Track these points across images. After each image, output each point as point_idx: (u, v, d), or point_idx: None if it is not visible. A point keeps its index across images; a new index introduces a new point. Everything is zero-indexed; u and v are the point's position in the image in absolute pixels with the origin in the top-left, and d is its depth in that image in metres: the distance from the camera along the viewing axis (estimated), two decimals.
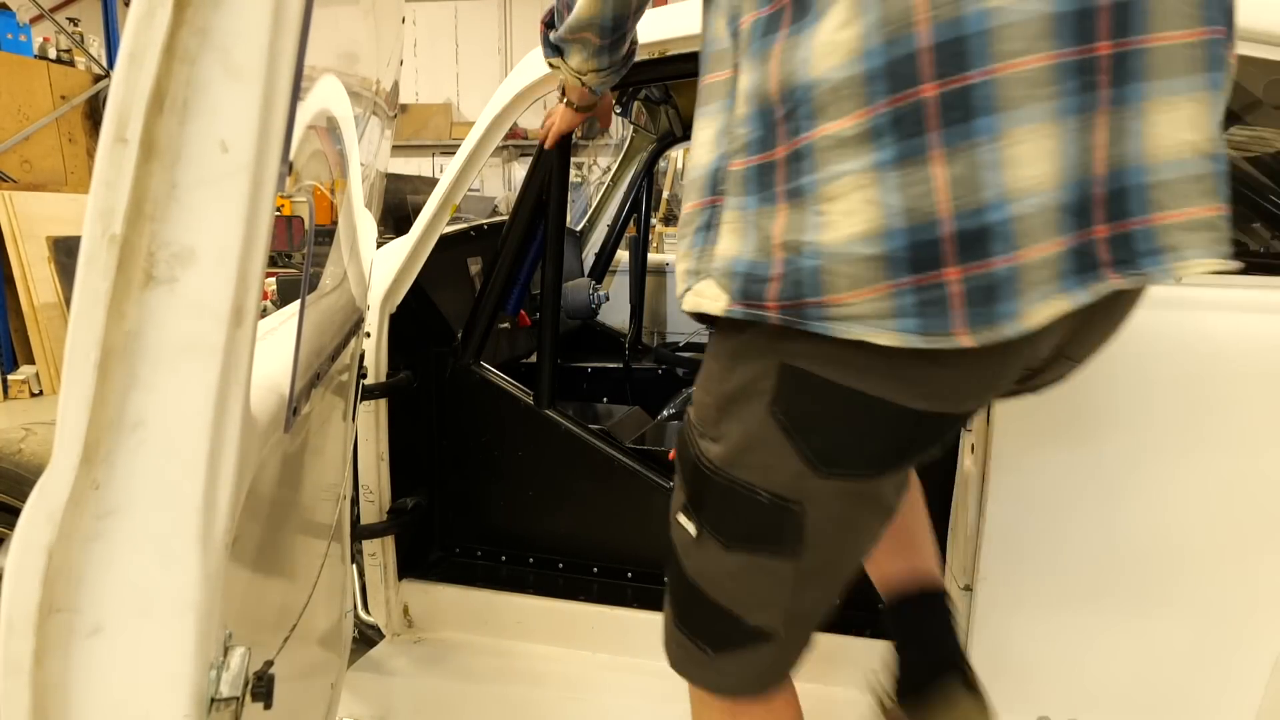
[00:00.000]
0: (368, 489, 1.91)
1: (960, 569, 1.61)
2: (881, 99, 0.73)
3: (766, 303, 0.81)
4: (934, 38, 0.71)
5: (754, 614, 0.98)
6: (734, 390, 0.90)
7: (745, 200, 0.82)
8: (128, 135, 0.62)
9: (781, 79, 0.78)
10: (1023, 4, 0.70)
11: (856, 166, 0.74)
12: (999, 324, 0.74)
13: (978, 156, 0.72)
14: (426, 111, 11.60)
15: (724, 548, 0.95)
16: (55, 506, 0.63)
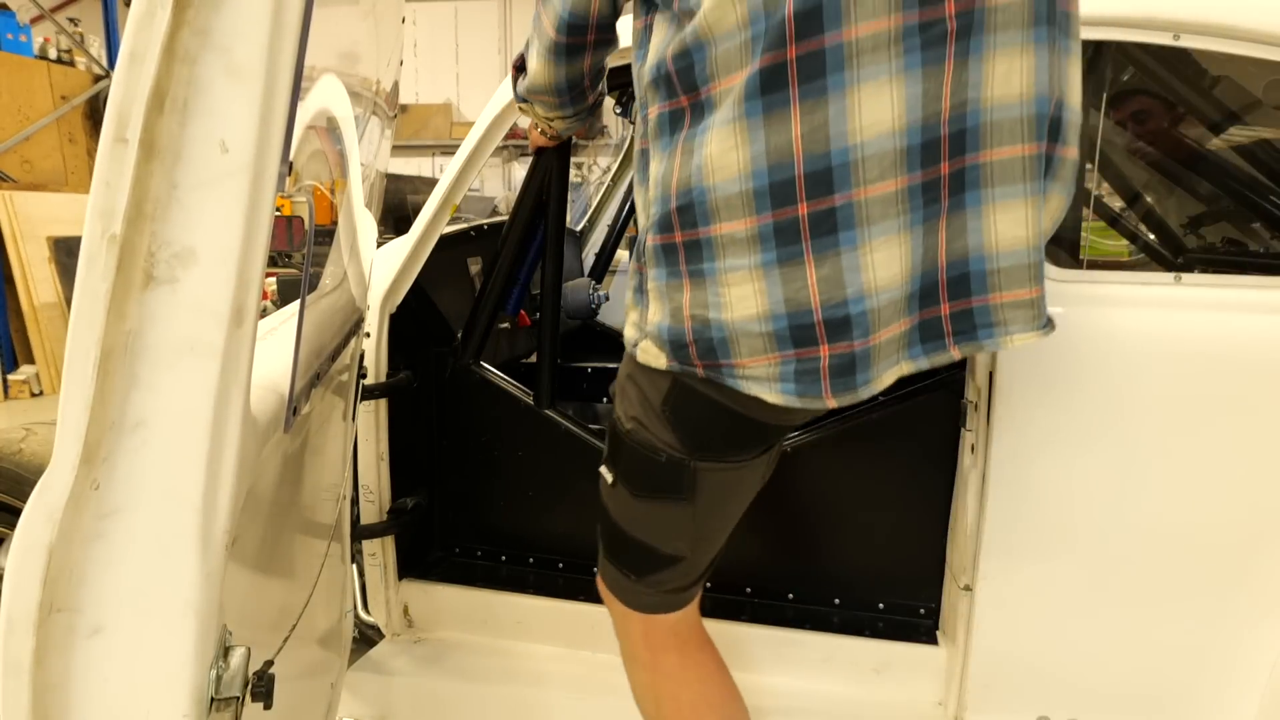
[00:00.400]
0: (368, 489, 1.91)
1: (960, 569, 1.61)
2: (767, 212, 0.92)
3: (694, 363, 1.02)
4: (806, 167, 0.90)
5: (666, 544, 1.21)
6: (636, 379, 1.12)
7: (658, 273, 1.02)
8: (128, 135, 0.62)
9: (680, 179, 0.97)
10: (878, 141, 0.89)
11: (747, 263, 0.94)
12: (857, 389, 0.98)
13: (841, 262, 0.92)
14: (426, 111, 11.59)
15: (633, 494, 1.18)
16: (55, 506, 0.63)
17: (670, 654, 1.26)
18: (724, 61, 0.91)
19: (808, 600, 1.84)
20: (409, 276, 1.87)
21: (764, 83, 0.89)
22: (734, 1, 0.88)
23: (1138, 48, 1.55)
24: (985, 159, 0.93)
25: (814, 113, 0.89)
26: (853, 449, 1.71)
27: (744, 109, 0.90)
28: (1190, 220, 2.08)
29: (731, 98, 0.91)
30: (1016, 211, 0.95)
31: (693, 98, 0.96)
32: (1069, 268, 1.51)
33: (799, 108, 0.89)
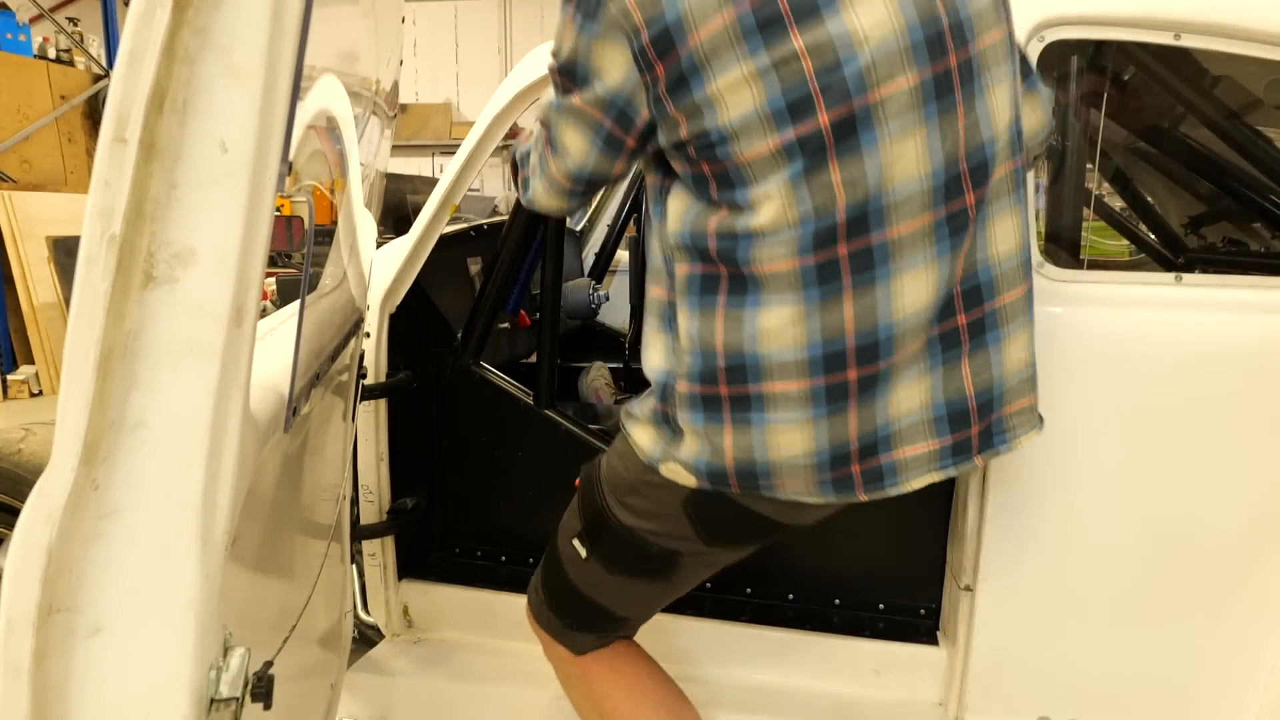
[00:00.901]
0: (368, 489, 1.90)
1: (960, 569, 1.61)
2: (820, 376, 1.06)
3: (730, 486, 1.14)
4: (857, 342, 1.05)
5: (622, 609, 1.34)
6: (654, 481, 1.19)
7: (695, 416, 1.13)
8: (127, 135, 0.62)
9: (728, 342, 1.08)
10: (915, 316, 1.06)
11: (798, 416, 1.08)
12: (886, 489, 1.14)
13: (874, 405, 1.09)
14: (426, 111, 11.58)
15: (608, 571, 1.28)
16: (55, 507, 0.63)
17: (600, 662, 1.37)
18: (770, 250, 1.03)
19: (808, 600, 1.84)
20: (409, 276, 1.87)
21: (820, 275, 1.03)
22: (787, 208, 1.01)
23: (1138, 47, 1.55)
24: (998, 304, 1.12)
25: (864, 297, 1.04)
26: None
27: (803, 295, 1.04)
28: (1190, 220, 2.08)
29: (785, 282, 1.04)
30: (1022, 339, 1.15)
31: (733, 270, 1.06)
32: (1069, 268, 1.51)
33: (851, 294, 1.04)
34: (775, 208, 1.01)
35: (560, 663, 1.41)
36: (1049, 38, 1.51)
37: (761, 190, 1.01)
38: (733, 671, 1.78)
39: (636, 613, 1.37)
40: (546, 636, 1.41)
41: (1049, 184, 1.60)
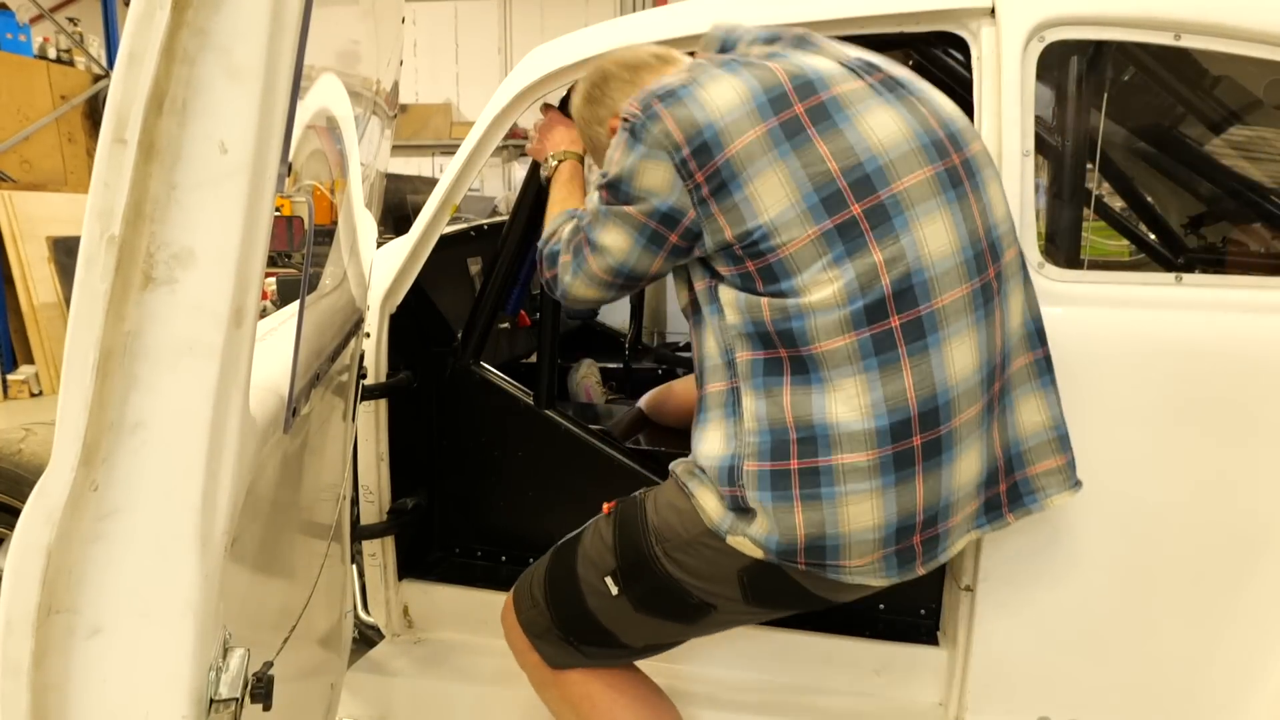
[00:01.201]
0: (368, 489, 1.90)
1: (961, 569, 1.61)
2: (888, 445, 1.12)
3: (797, 563, 1.17)
4: (919, 409, 1.12)
5: (630, 639, 1.35)
6: (714, 546, 1.22)
7: (763, 496, 1.16)
8: (127, 136, 0.62)
9: (798, 415, 1.14)
10: (966, 380, 1.15)
11: (868, 486, 1.13)
12: (938, 557, 1.21)
13: (940, 474, 1.16)
14: (426, 111, 11.58)
15: (635, 610, 1.30)
16: (55, 507, 0.63)
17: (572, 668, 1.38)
18: (824, 328, 1.12)
19: None
20: (409, 277, 1.87)
21: (876, 346, 1.12)
22: (835, 288, 1.11)
23: (1138, 47, 1.55)
24: (1010, 371, 1.23)
25: (920, 365, 1.13)
26: None
27: (862, 366, 1.12)
28: (1190, 220, 2.08)
29: (843, 356, 1.12)
30: (1035, 401, 1.25)
31: (793, 352, 1.14)
32: (1069, 268, 1.51)
33: (908, 362, 1.12)
34: (823, 289, 1.11)
35: (534, 668, 1.41)
36: (1049, 38, 1.51)
37: (808, 276, 1.12)
38: (733, 671, 1.78)
39: (640, 644, 1.36)
40: (524, 642, 1.40)
41: (1049, 184, 1.60)
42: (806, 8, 1.62)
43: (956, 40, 1.59)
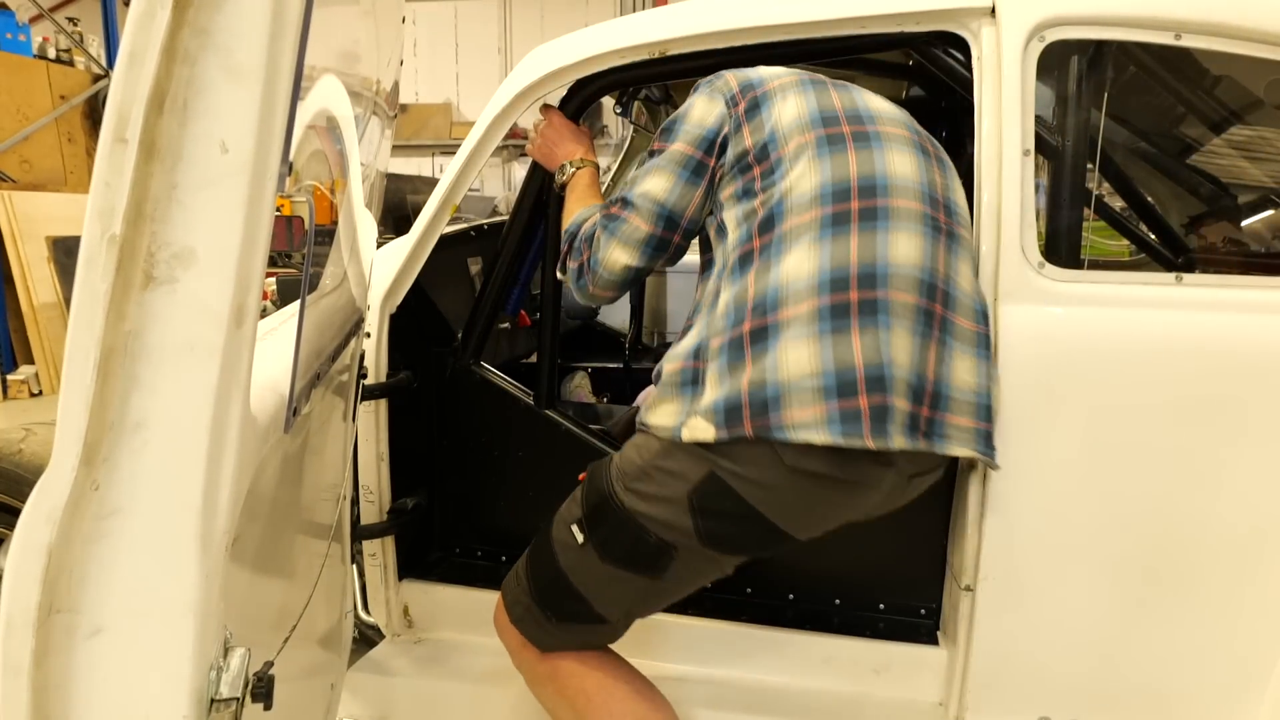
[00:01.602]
0: (368, 489, 1.90)
1: (961, 569, 1.61)
2: (826, 295, 1.23)
3: (744, 426, 1.20)
4: (859, 270, 1.24)
5: (603, 605, 1.36)
6: (666, 468, 1.28)
7: (719, 364, 1.25)
8: (127, 135, 0.62)
9: (757, 289, 1.26)
10: (905, 268, 1.26)
11: (806, 333, 1.21)
12: (885, 438, 1.20)
13: (877, 335, 1.22)
14: (426, 111, 11.58)
15: (601, 558, 1.33)
16: (55, 507, 0.63)
17: (567, 659, 1.41)
18: (796, 207, 1.28)
19: (808, 600, 1.84)
20: (409, 276, 1.87)
21: (834, 220, 1.27)
22: (812, 175, 1.30)
23: (1139, 47, 1.55)
24: (957, 321, 1.31)
25: (866, 239, 1.26)
26: None
27: (818, 235, 1.26)
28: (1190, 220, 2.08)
29: (805, 228, 1.27)
30: (971, 363, 1.31)
31: (765, 239, 1.29)
32: (1069, 268, 1.51)
33: (857, 234, 1.26)
34: (805, 179, 1.30)
35: (529, 665, 1.44)
36: (1049, 38, 1.51)
37: (798, 168, 1.31)
38: (733, 671, 1.78)
39: (615, 614, 1.38)
40: (517, 638, 1.43)
41: (1049, 184, 1.60)
42: (807, 8, 1.62)
43: (956, 40, 1.59)
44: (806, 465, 1.21)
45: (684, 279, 3.91)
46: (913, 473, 1.31)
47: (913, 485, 1.33)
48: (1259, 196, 1.86)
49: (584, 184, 1.63)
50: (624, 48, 1.69)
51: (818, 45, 1.65)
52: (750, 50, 1.66)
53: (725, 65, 1.72)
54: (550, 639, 1.40)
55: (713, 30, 1.66)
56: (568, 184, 1.66)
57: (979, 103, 1.53)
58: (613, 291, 1.46)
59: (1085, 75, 1.55)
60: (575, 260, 1.46)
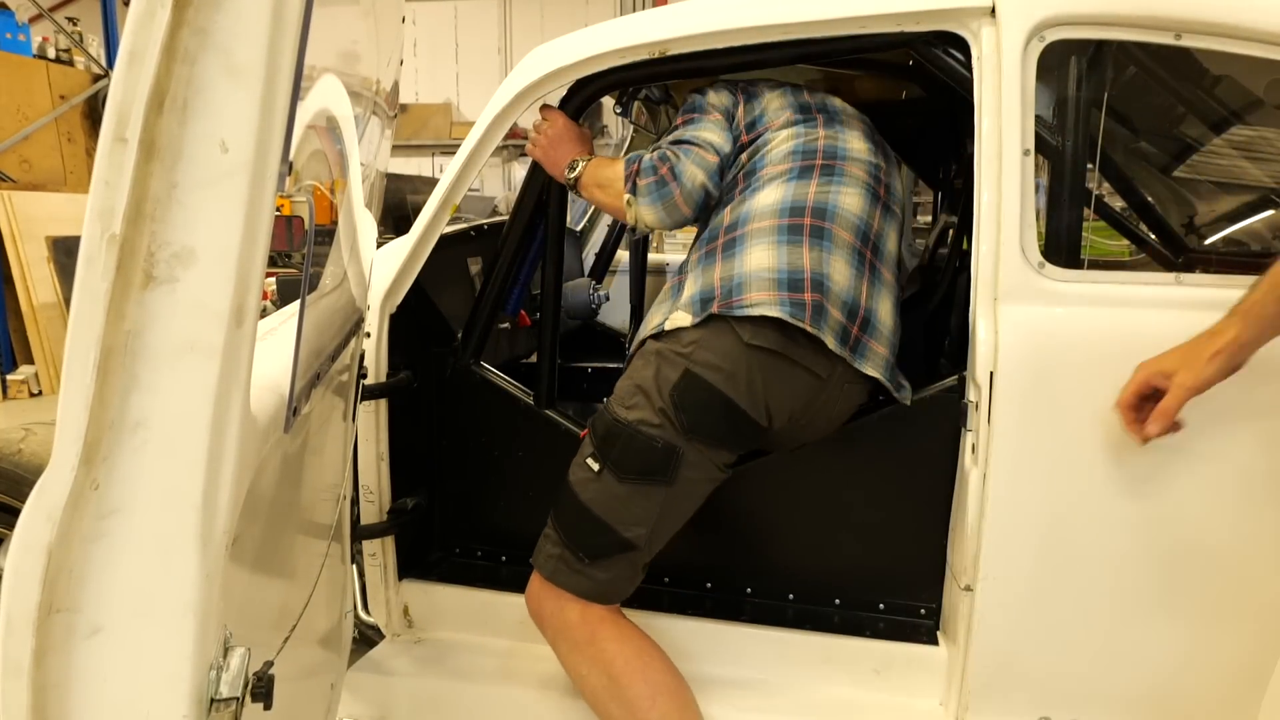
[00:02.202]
0: (368, 489, 1.90)
1: (961, 569, 1.61)
2: (785, 218, 1.55)
3: (714, 307, 1.49)
4: (813, 204, 1.56)
5: (627, 528, 1.51)
6: (651, 378, 1.51)
7: (699, 269, 1.57)
8: (127, 135, 0.62)
9: (734, 214, 1.59)
10: (846, 211, 1.59)
11: (766, 241, 1.53)
12: (820, 331, 1.47)
13: (821, 254, 1.52)
14: (426, 111, 11.58)
15: (618, 480, 1.50)
16: (55, 507, 0.63)
17: (605, 624, 1.52)
18: (774, 160, 1.63)
19: (808, 600, 1.84)
20: (409, 276, 1.87)
21: (800, 173, 1.60)
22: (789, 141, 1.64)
23: (1139, 47, 1.55)
24: (887, 277, 1.62)
25: (823, 187, 1.59)
26: (853, 449, 1.71)
27: (786, 179, 1.59)
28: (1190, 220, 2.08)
29: (777, 175, 1.60)
30: (889, 304, 1.61)
31: (748, 181, 1.63)
32: (1069, 268, 1.51)
33: (816, 182, 1.59)
34: (783, 143, 1.63)
35: (567, 630, 1.53)
36: (1049, 38, 1.51)
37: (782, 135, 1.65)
38: (733, 671, 1.78)
39: (640, 534, 1.51)
40: (553, 603, 1.54)
41: (1049, 183, 1.60)
42: (807, 8, 1.62)
43: (956, 40, 1.59)
44: (760, 341, 1.47)
45: None
46: (847, 380, 1.55)
47: (844, 394, 1.57)
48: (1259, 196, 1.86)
49: (600, 163, 1.73)
50: (624, 48, 1.69)
51: (817, 45, 1.65)
52: (750, 50, 1.66)
53: (725, 65, 1.73)
54: (586, 581, 1.51)
55: (713, 30, 1.66)
56: (581, 176, 1.72)
57: (979, 103, 1.53)
58: (690, 208, 1.62)
59: (1085, 75, 1.55)
60: (649, 177, 1.61)
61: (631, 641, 1.51)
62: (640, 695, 1.46)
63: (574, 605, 1.52)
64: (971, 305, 1.55)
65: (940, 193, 3.04)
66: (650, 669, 1.48)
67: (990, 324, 1.50)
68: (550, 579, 1.54)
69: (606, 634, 1.50)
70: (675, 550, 1.67)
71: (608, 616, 1.53)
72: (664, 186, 1.60)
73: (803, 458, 1.73)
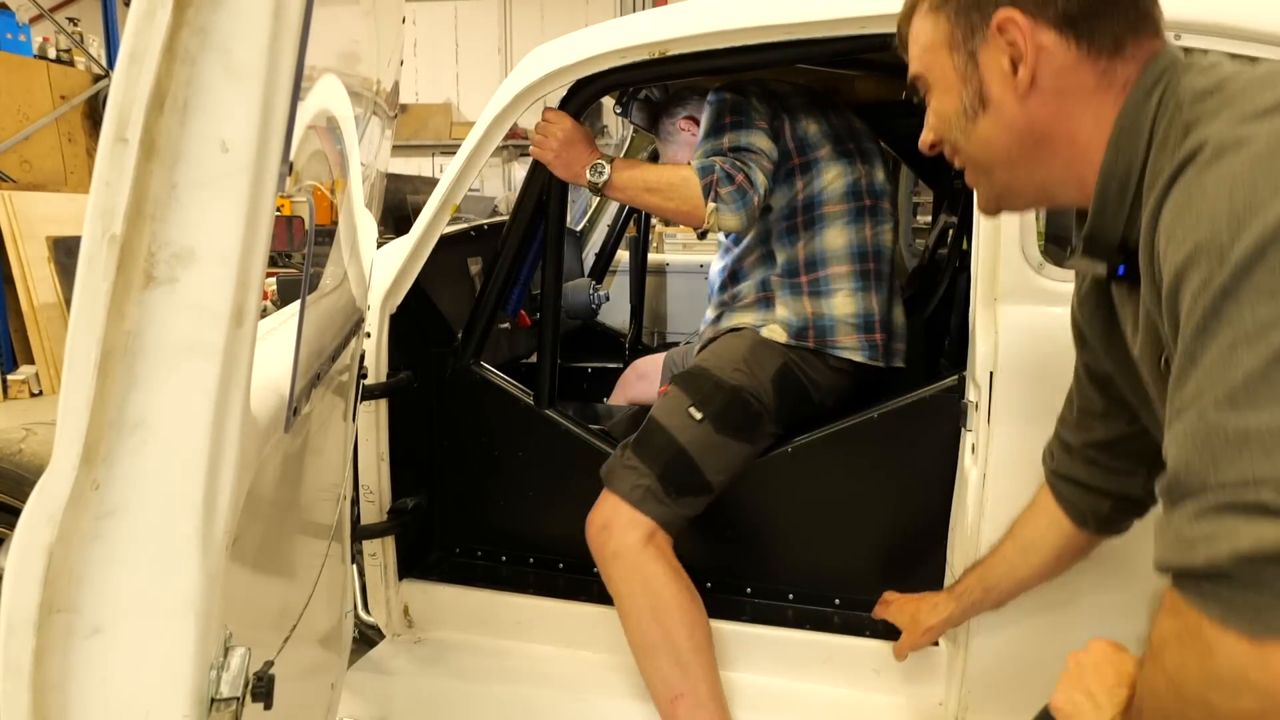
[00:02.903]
0: (368, 489, 1.91)
1: (960, 569, 1.61)
2: (857, 264, 1.85)
3: (808, 342, 1.81)
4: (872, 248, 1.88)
5: (712, 473, 1.72)
6: (754, 358, 1.79)
7: (784, 294, 1.85)
8: (128, 135, 0.62)
9: (808, 250, 1.85)
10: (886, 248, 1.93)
11: (847, 287, 1.83)
12: (882, 360, 1.86)
13: (880, 295, 1.88)
14: (426, 111, 11.58)
15: (716, 430, 1.72)
16: (55, 507, 0.63)
17: (664, 555, 1.68)
18: (830, 198, 1.86)
19: (808, 600, 1.84)
20: (409, 276, 1.87)
21: (855, 214, 1.87)
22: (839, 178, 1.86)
23: None
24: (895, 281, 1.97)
25: (875, 230, 1.89)
26: (853, 449, 1.71)
27: (846, 219, 1.86)
28: None
29: (837, 215, 1.85)
30: (901, 308, 1.98)
31: (806, 216, 1.86)
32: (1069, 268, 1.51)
33: (870, 227, 1.88)
34: (834, 180, 1.86)
35: (630, 550, 1.66)
36: None
37: (829, 173, 1.86)
38: (733, 671, 1.78)
39: (718, 481, 1.73)
40: (627, 522, 1.67)
41: None
42: (807, 8, 1.62)
43: None
44: (841, 366, 1.83)
45: (683, 280, 3.91)
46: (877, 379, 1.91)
47: None
48: None
49: (629, 164, 1.83)
50: (624, 48, 1.69)
51: (817, 45, 1.65)
52: (750, 50, 1.66)
53: (726, 66, 1.73)
54: (667, 512, 1.68)
55: (713, 30, 1.66)
56: (612, 179, 1.76)
57: None
58: (759, 213, 1.78)
59: None
60: (729, 185, 1.71)
61: (681, 577, 1.68)
62: (679, 622, 1.63)
63: (643, 531, 1.67)
64: (971, 305, 1.55)
65: (940, 193, 3.04)
66: (692, 605, 1.66)
67: (990, 324, 1.50)
68: (637, 505, 1.68)
69: (664, 562, 1.66)
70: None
71: (666, 549, 1.69)
72: (745, 195, 1.72)
73: (803, 458, 1.73)
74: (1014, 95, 0.90)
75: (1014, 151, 0.93)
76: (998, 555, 1.43)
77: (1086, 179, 0.90)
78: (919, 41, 0.97)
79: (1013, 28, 0.88)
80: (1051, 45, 0.88)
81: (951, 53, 0.93)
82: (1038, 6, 0.87)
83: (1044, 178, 0.95)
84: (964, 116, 0.94)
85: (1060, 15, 0.87)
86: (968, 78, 0.93)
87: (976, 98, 0.93)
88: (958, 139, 0.96)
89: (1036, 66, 0.88)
